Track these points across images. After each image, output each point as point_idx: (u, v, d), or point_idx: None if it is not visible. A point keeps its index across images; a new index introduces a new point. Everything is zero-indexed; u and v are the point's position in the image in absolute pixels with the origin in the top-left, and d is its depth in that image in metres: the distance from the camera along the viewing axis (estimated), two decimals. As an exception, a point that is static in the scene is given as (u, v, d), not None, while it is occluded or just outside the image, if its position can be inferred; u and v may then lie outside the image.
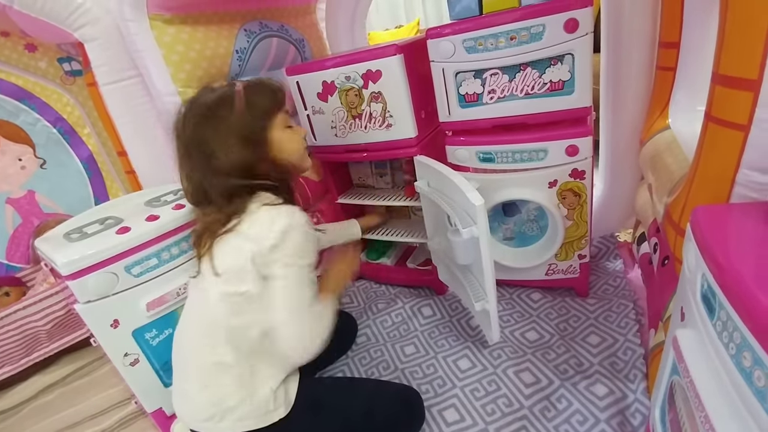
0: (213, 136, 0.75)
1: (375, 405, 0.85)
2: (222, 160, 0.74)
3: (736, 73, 0.57)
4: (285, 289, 0.73)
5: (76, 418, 1.21)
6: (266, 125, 0.78)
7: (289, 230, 0.72)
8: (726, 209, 0.57)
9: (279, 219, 0.72)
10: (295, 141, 0.83)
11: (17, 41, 1.39)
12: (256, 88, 0.79)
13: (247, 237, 0.73)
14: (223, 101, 0.76)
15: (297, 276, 0.73)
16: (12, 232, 1.54)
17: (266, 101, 0.79)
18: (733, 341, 0.41)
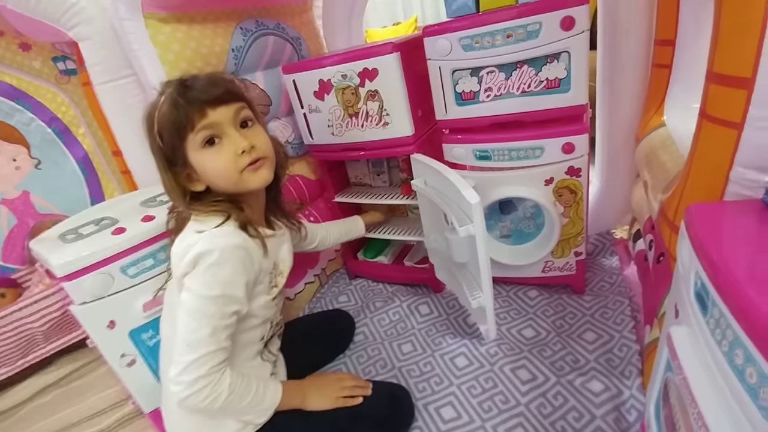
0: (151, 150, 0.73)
1: (362, 407, 0.85)
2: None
3: (729, 71, 0.57)
4: (182, 317, 0.68)
5: (74, 419, 1.21)
6: (179, 146, 0.71)
7: (200, 259, 0.67)
8: (719, 207, 0.58)
9: (194, 247, 0.67)
10: (219, 161, 0.71)
11: (11, 40, 1.38)
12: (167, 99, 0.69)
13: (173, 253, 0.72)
14: (146, 118, 0.72)
15: (194, 306, 0.67)
16: (7, 233, 1.53)
17: (171, 117, 0.68)
18: (725, 338, 0.42)
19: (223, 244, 0.68)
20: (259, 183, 0.75)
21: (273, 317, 0.85)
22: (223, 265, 0.68)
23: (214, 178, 0.73)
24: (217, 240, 0.68)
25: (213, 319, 0.67)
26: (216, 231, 0.70)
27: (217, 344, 0.68)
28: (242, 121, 0.74)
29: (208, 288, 0.67)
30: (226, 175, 0.72)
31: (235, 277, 0.69)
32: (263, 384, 0.77)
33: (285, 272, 0.86)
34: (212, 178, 0.73)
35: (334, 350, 1.15)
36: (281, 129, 1.32)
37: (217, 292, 0.67)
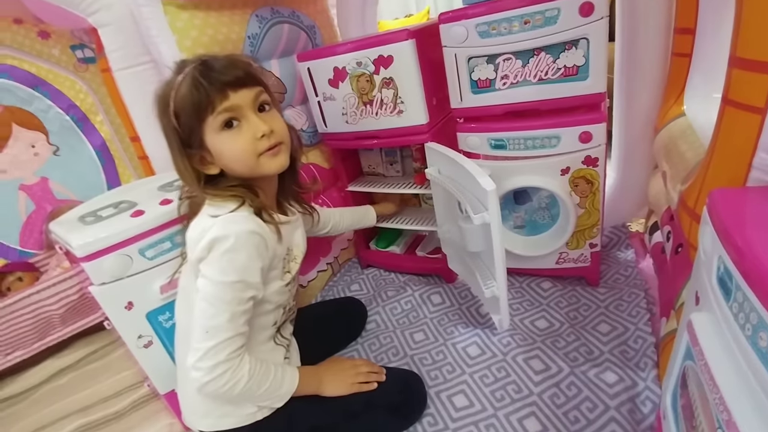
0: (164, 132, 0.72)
1: (375, 393, 0.86)
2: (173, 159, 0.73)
3: (753, 55, 0.56)
4: (199, 303, 0.68)
5: (89, 401, 1.23)
6: (197, 128, 0.69)
7: (215, 244, 0.66)
8: (742, 192, 0.57)
9: (209, 232, 0.67)
10: (235, 143, 0.70)
11: (30, 28, 1.40)
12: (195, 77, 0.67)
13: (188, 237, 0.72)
14: (161, 98, 0.70)
15: (211, 292, 0.67)
16: (25, 219, 1.57)
17: (194, 98, 0.67)
18: (749, 322, 0.41)
19: (238, 230, 0.67)
20: (276, 168, 0.75)
21: (286, 302, 0.85)
22: (238, 251, 0.67)
23: (231, 162, 0.72)
24: (231, 225, 0.67)
25: (231, 305, 0.67)
26: (230, 216, 0.69)
27: (236, 330, 0.68)
28: (261, 105, 0.73)
29: (224, 274, 0.67)
30: (243, 158, 0.71)
31: (250, 262, 0.69)
32: (281, 370, 0.78)
33: (299, 258, 0.86)
34: (228, 161, 0.72)
35: (347, 337, 1.16)
36: (295, 117, 1.33)
37: (234, 278, 0.67)
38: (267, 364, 0.75)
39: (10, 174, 1.51)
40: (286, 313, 0.87)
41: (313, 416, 0.81)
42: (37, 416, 1.23)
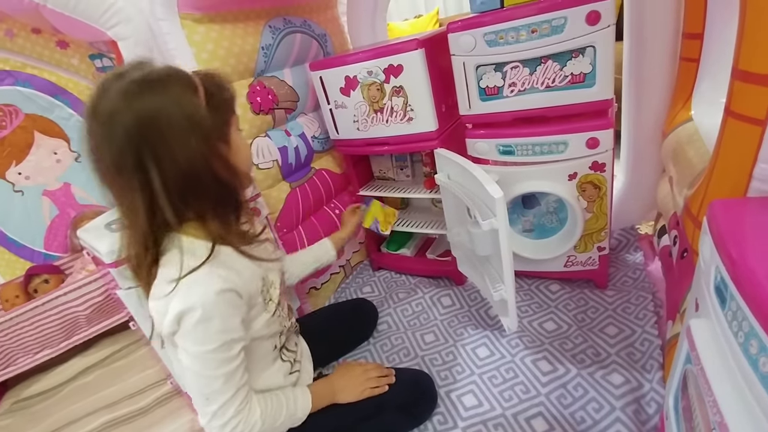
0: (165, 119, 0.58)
1: (387, 393, 0.88)
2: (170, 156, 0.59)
3: (754, 68, 0.57)
4: (189, 376, 0.66)
5: (115, 398, 1.29)
6: (228, 120, 0.68)
7: (183, 318, 0.61)
8: (742, 203, 0.59)
9: (172, 303, 0.61)
10: (247, 147, 0.73)
11: (49, 38, 1.43)
12: (209, 77, 0.67)
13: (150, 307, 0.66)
14: (179, 78, 0.62)
15: (197, 365, 0.64)
16: (49, 223, 1.63)
17: (227, 94, 0.68)
18: (742, 330, 0.43)
19: (203, 296, 0.62)
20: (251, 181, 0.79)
21: (280, 328, 0.81)
22: (211, 319, 0.62)
23: (244, 159, 0.72)
24: (195, 291, 0.62)
25: (221, 369, 0.65)
26: (192, 279, 0.62)
27: (235, 387, 0.67)
28: None
29: (203, 344, 0.63)
30: (250, 162, 0.76)
31: (227, 322, 0.65)
32: (291, 396, 0.78)
33: (276, 281, 0.81)
34: (242, 159, 0.71)
35: (358, 337, 1.19)
36: (308, 124, 1.36)
37: (215, 344, 0.63)
38: (276, 396, 0.75)
39: (33, 180, 1.57)
40: (285, 335, 0.85)
41: (327, 422, 0.84)
42: (66, 412, 1.29)
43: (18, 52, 1.43)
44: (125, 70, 0.60)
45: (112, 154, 0.58)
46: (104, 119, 0.57)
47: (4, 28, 1.38)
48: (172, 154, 0.59)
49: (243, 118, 1.15)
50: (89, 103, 0.59)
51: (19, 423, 1.31)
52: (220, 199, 0.67)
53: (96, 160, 0.60)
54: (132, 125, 0.57)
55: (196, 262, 0.63)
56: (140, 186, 0.59)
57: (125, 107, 0.57)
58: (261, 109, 1.19)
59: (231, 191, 0.69)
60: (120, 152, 0.58)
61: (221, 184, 0.65)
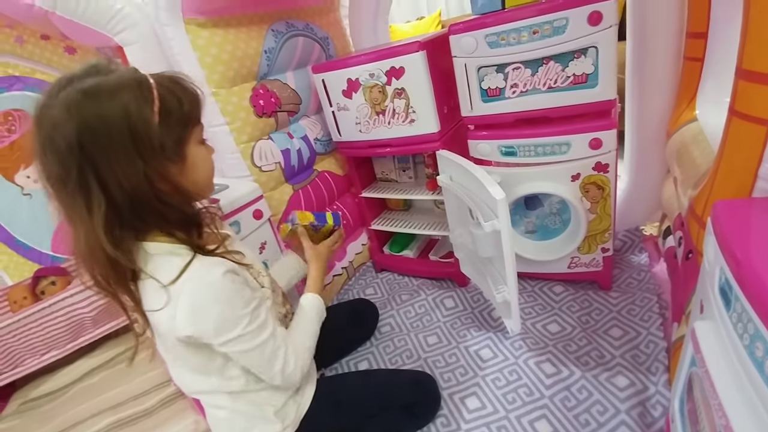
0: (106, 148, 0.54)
1: (390, 394, 0.89)
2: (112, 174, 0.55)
3: (759, 68, 0.57)
4: (243, 358, 0.68)
5: (120, 399, 1.29)
6: (184, 136, 0.62)
7: (196, 311, 0.61)
8: (747, 203, 0.58)
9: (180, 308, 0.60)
10: (208, 161, 0.68)
11: (57, 44, 1.46)
12: (173, 85, 0.61)
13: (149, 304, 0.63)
14: (131, 89, 0.56)
15: (243, 344, 0.65)
16: (57, 226, 1.64)
17: (186, 106, 0.62)
18: (747, 332, 0.43)
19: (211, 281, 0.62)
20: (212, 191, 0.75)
21: (276, 315, 0.81)
22: (231, 302, 0.63)
23: (203, 176, 0.67)
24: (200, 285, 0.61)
25: (263, 333, 0.68)
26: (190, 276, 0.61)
27: (282, 340, 0.72)
28: None
29: (237, 326, 0.64)
30: (211, 174, 0.69)
31: (244, 296, 0.66)
32: (302, 314, 0.85)
33: (262, 270, 0.81)
34: (201, 175, 0.67)
35: (359, 337, 1.20)
36: (310, 126, 1.37)
37: (246, 320, 0.65)
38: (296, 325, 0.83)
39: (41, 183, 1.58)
40: (283, 322, 0.85)
41: (333, 422, 0.84)
42: (72, 413, 1.30)
43: (27, 58, 1.45)
44: (77, 75, 0.57)
45: (54, 168, 0.54)
46: (48, 129, 0.54)
47: (14, 34, 1.40)
48: (113, 172, 0.55)
49: (246, 120, 1.15)
50: (36, 108, 0.56)
51: (27, 423, 1.32)
52: (169, 218, 0.62)
53: (40, 172, 0.56)
54: (73, 137, 0.53)
55: (183, 260, 0.61)
56: (84, 202, 0.55)
57: (67, 117, 0.53)
58: (264, 112, 1.20)
59: (179, 211, 0.64)
60: (62, 165, 0.54)
61: (168, 205, 0.61)
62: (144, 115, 0.56)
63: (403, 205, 1.51)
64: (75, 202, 0.56)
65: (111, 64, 0.60)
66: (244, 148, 1.16)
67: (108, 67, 0.59)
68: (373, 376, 1.02)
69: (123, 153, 0.55)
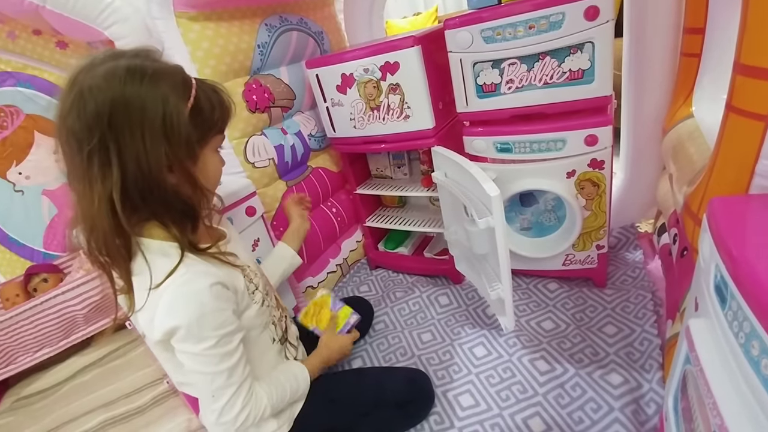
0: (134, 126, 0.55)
1: (384, 392, 0.89)
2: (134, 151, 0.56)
3: (757, 62, 0.56)
4: (193, 376, 0.66)
5: (112, 397, 1.29)
6: (205, 139, 0.65)
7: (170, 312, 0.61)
8: (743, 200, 0.57)
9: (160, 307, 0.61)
10: (218, 170, 0.71)
11: (49, 39, 1.44)
12: (211, 92, 0.65)
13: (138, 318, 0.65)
14: (174, 79, 0.60)
15: (198, 364, 0.64)
16: (48, 222, 1.63)
17: (217, 115, 0.66)
18: (742, 331, 0.42)
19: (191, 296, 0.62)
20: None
21: (269, 319, 0.81)
22: (204, 316, 0.62)
23: (209, 182, 0.69)
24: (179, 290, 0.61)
25: (223, 364, 0.65)
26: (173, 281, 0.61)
27: (240, 379, 0.67)
28: None
29: (201, 342, 0.62)
30: (218, 180, 0.73)
31: (221, 317, 0.64)
32: (291, 374, 0.80)
33: (257, 271, 0.81)
34: (209, 181, 0.69)
35: None
36: (304, 122, 1.35)
37: (212, 341, 0.63)
38: (276, 380, 0.77)
39: (33, 180, 1.57)
40: (278, 326, 0.84)
41: (326, 421, 0.84)
42: (64, 410, 1.29)
43: (20, 54, 1.44)
44: (127, 53, 0.59)
45: (77, 127, 0.55)
46: (80, 90, 0.54)
47: (6, 30, 1.38)
48: (136, 149, 0.56)
49: (239, 116, 1.14)
50: (74, 69, 0.57)
51: (20, 420, 1.32)
52: (175, 209, 0.63)
53: (60, 128, 0.56)
54: (104, 105, 0.54)
55: (170, 262, 0.61)
56: (99, 168, 0.55)
57: (105, 86, 0.54)
58: (257, 107, 1.18)
59: (188, 205, 0.65)
60: (86, 127, 0.54)
61: (174, 195, 0.62)
62: (179, 106, 0.59)
63: (398, 202, 1.50)
64: (88, 166, 0.56)
65: (158, 54, 0.62)
66: (236, 144, 1.15)
67: (156, 55, 0.61)
68: (367, 374, 1.02)
69: (150, 134, 0.56)
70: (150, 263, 0.61)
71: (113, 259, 0.62)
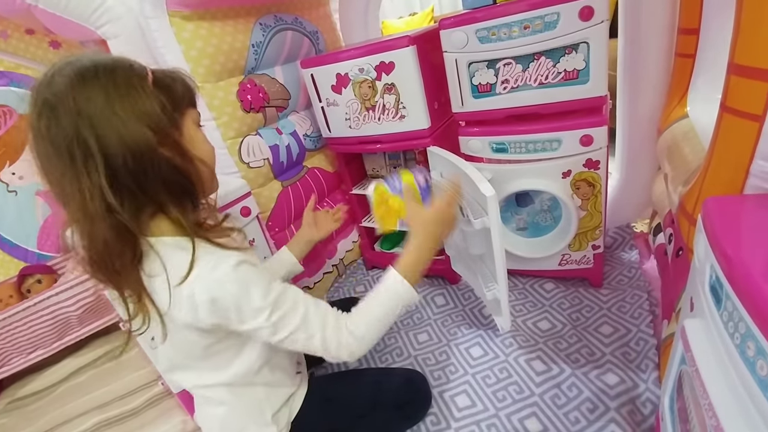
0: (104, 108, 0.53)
1: (381, 392, 0.88)
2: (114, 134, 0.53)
3: (751, 62, 0.56)
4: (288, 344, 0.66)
5: (106, 398, 1.28)
6: (179, 113, 0.61)
7: (217, 305, 0.60)
8: (738, 200, 0.57)
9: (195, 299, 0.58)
10: (209, 146, 0.67)
11: (42, 39, 1.44)
12: (167, 72, 0.62)
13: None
14: (124, 66, 0.57)
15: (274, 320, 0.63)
16: (42, 223, 1.62)
17: (180, 87, 0.63)
18: (738, 331, 0.42)
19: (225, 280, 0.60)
20: (217, 186, 0.71)
21: None
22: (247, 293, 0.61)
23: (203, 155, 0.64)
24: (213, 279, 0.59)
25: (293, 320, 0.65)
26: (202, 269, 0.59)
27: (316, 309, 0.68)
28: None
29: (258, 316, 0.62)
30: (212, 159, 0.67)
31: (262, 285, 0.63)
32: (385, 296, 0.77)
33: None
34: (201, 153, 0.64)
35: None
36: (299, 122, 1.35)
37: (267, 311, 0.62)
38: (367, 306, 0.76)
39: (27, 180, 1.56)
40: None
41: (323, 422, 0.84)
42: (58, 412, 1.28)
43: (12, 53, 1.43)
44: (72, 58, 0.56)
45: (52, 132, 0.52)
46: (45, 99, 0.53)
47: (-1, 29, 1.37)
48: (115, 127, 0.53)
49: (233, 115, 1.13)
50: (32, 92, 0.54)
51: (14, 422, 1.31)
52: (175, 187, 0.60)
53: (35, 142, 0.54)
54: (69, 100, 0.52)
55: (187, 254, 0.59)
56: (82, 165, 0.53)
57: (66, 89, 0.53)
58: (251, 107, 1.18)
59: (187, 179, 0.61)
60: (58, 129, 0.52)
61: (176, 171, 0.59)
62: (142, 81, 0.57)
63: (395, 202, 1.49)
64: (71, 163, 0.53)
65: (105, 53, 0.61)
66: (231, 144, 1.14)
67: (102, 53, 0.60)
68: (364, 375, 1.01)
69: (122, 108, 0.54)
70: (167, 260, 0.59)
71: (125, 265, 0.57)
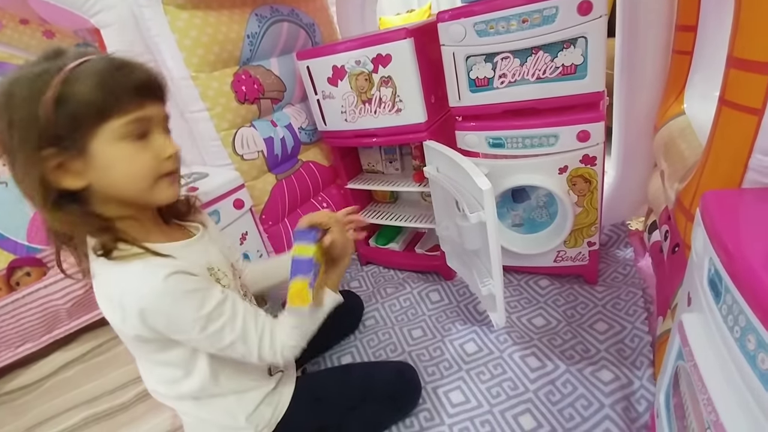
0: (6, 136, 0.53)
1: (372, 383, 0.88)
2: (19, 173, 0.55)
3: (750, 56, 0.55)
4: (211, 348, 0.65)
5: (95, 393, 1.26)
6: (87, 129, 0.54)
7: (146, 317, 0.57)
8: (736, 194, 0.57)
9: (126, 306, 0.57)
10: (138, 160, 0.58)
11: (36, 28, 1.42)
12: (96, 72, 0.54)
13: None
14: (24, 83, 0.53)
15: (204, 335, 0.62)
16: (32, 215, 1.60)
17: (98, 94, 0.54)
18: (738, 325, 0.41)
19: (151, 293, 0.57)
20: (169, 198, 0.65)
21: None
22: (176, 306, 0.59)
23: (122, 178, 0.58)
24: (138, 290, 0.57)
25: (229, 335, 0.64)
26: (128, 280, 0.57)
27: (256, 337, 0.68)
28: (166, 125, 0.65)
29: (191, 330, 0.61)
30: (141, 177, 0.60)
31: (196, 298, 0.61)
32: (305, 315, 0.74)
33: (228, 273, 0.74)
34: (119, 178, 0.58)
35: (343, 330, 1.17)
36: (295, 115, 1.33)
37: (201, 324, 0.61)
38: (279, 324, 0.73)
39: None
40: None
41: (313, 420, 0.83)
42: (46, 407, 1.26)
43: (6, 43, 1.41)
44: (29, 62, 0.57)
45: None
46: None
47: (-6, 20, 1.36)
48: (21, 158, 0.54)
49: (227, 107, 1.12)
50: None
51: (2, 417, 1.28)
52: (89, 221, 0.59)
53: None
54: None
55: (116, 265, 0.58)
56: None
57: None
58: (246, 98, 1.16)
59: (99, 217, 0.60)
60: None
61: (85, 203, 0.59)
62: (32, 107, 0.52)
63: (390, 197, 1.48)
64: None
65: (61, 51, 0.57)
66: (224, 135, 1.13)
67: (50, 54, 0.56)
68: (354, 369, 1.00)
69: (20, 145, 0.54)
70: (98, 272, 0.60)
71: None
